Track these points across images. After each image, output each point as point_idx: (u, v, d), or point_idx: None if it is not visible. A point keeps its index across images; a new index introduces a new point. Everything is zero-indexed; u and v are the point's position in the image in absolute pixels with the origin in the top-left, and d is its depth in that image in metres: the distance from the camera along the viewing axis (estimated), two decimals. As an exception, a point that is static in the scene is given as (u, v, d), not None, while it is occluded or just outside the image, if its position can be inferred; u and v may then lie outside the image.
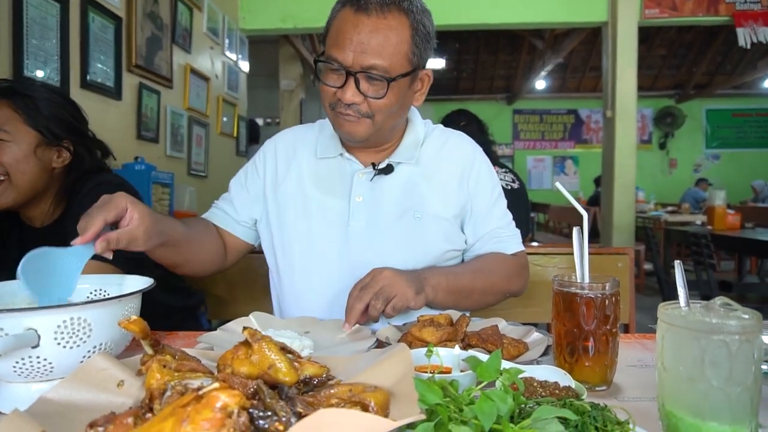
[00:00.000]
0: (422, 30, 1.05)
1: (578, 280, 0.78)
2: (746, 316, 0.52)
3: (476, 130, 2.37)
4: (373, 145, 1.15)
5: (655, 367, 0.57)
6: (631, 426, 0.53)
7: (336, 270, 1.12)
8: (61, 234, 1.22)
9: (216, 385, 0.48)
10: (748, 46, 4.95)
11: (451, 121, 2.44)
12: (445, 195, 1.16)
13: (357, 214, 1.13)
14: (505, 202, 1.24)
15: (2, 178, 1.18)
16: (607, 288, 0.75)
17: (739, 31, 4.92)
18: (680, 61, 9.79)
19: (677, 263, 0.61)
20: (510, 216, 1.24)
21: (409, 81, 1.07)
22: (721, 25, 5.29)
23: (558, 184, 0.87)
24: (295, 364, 0.61)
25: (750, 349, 0.51)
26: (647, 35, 8.21)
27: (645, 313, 4.46)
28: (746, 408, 0.51)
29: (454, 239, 1.16)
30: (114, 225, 0.88)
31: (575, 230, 0.81)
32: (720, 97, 10.75)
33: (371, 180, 1.15)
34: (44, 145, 1.23)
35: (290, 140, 1.25)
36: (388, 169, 1.15)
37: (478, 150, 1.24)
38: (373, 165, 1.15)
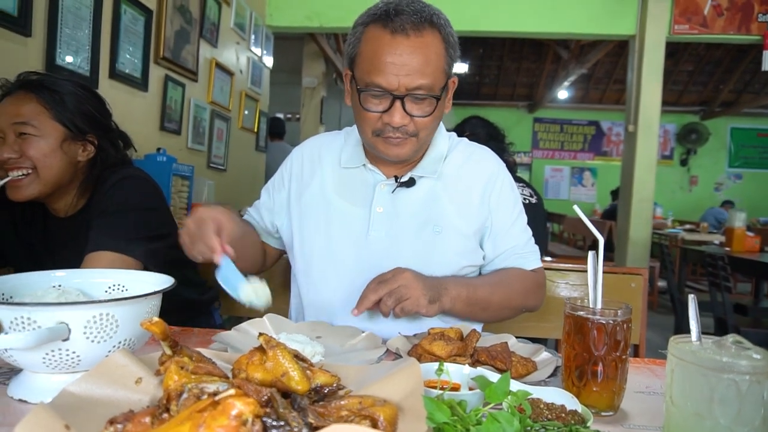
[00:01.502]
0: (452, 41, 1.07)
1: (590, 305, 0.78)
2: (758, 356, 0.53)
3: (485, 136, 2.30)
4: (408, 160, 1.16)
5: (664, 399, 0.58)
6: (635, 457, 0.54)
7: (353, 278, 1.12)
8: (84, 224, 1.25)
9: (232, 391, 0.49)
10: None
11: (458, 130, 2.39)
12: (466, 210, 1.16)
13: (377, 225, 1.14)
14: (525, 218, 1.24)
15: (29, 171, 1.21)
16: (619, 315, 0.75)
17: (766, 54, 4.84)
18: (707, 78, 9.65)
19: (691, 297, 0.61)
20: (530, 232, 1.25)
21: (446, 91, 1.09)
22: (751, 44, 5.20)
23: (576, 207, 0.87)
24: (307, 372, 0.62)
25: (760, 391, 0.51)
26: (675, 50, 8.11)
27: (656, 331, 4.42)
28: (752, 448, 0.51)
29: (472, 255, 1.17)
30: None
31: (591, 254, 0.81)
32: (746, 116, 10.56)
33: (393, 192, 1.16)
34: (70, 140, 1.26)
35: (316, 148, 1.27)
36: (410, 183, 1.15)
37: (502, 166, 1.24)
38: (396, 178, 1.16)
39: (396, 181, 1.15)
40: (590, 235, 5.68)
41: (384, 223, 1.14)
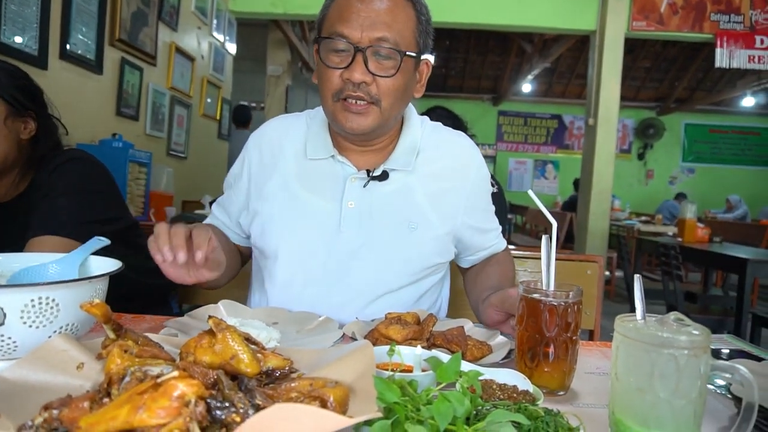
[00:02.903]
0: (425, 14, 1.05)
1: (543, 287, 0.80)
2: (696, 332, 0.54)
3: (452, 126, 2.34)
4: (372, 140, 1.09)
5: (610, 376, 0.59)
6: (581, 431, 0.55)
7: (323, 277, 1.08)
8: (24, 208, 1.19)
9: (175, 373, 0.48)
10: (727, 67, 5.07)
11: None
12: (441, 208, 1.12)
13: (349, 221, 1.08)
14: (492, 206, 1.25)
15: None
16: (570, 296, 0.77)
17: (718, 51, 5.03)
18: (663, 75, 9.97)
19: (636, 277, 0.63)
20: (494, 214, 1.26)
21: (415, 64, 1.04)
22: (704, 43, 5.40)
23: (530, 192, 0.88)
24: (258, 355, 0.61)
25: (697, 364, 0.53)
26: (633, 46, 8.34)
27: (612, 319, 4.56)
28: (689, 420, 0.53)
29: (445, 252, 1.16)
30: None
31: (544, 238, 0.83)
32: (699, 112, 10.99)
33: (365, 186, 1.09)
34: (12, 116, 1.20)
35: (276, 135, 1.17)
36: (383, 176, 1.09)
37: (476, 154, 1.19)
38: (368, 171, 1.09)
39: (368, 175, 1.09)
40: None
41: (356, 219, 1.07)
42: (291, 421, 0.44)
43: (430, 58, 1.11)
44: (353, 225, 1.07)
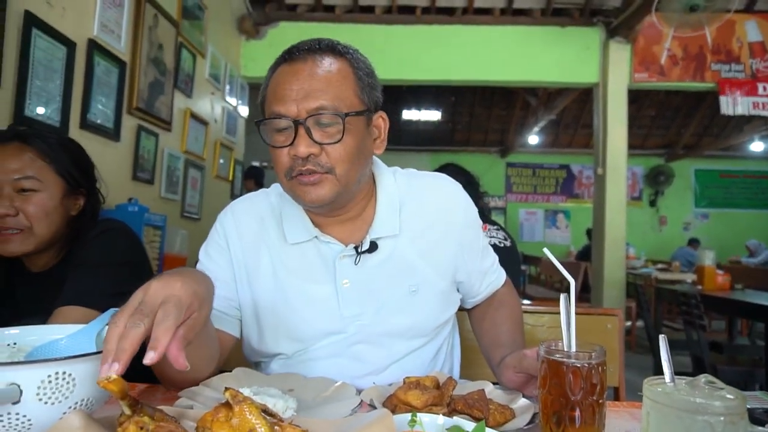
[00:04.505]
0: (364, 68, 1.00)
1: (565, 348, 0.78)
2: (731, 397, 0.52)
3: (464, 183, 2.38)
4: (342, 207, 1.03)
5: (641, 444, 0.57)
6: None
7: (327, 359, 1.05)
8: (57, 280, 1.19)
9: (192, 452, 0.47)
10: (732, 114, 5.13)
11: None
12: (436, 261, 1.08)
13: (347, 301, 1.03)
14: (485, 240, 1.22)
15: (25, 227, 1.15)
16: (593, 357, 0.75)
17: (722, 99, 5.11)
18: (669, 122, 10.08)
19: (662, 338, 0.61)
20: (489, 248, 1.24)
21: (365, 122, 0.99)
22: (707, 91, 5.48)
23: (546, 250, 0.87)
24: (276, 428, 0.60)
25: (734, 431, 0.50)
26: (637, 96, 8.47)
27: (636, 372, 4.40)
28: (732, 493, 0.50)
29: (450, 304, 1.14)
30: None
31: (562, 297, 0.81)
32: (708, 158, 11.00)
33: (356, 263, 1.04)
34: (68, 194, 1.22)
35: (252, 222, 1.09)
36: (372, 248, 1.05)
37: (460, 192, 1.15)
38: (356, 248, 1.04)
39: (356, 252, 1.04)
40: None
41: (355, 297, 1.03)
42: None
43: (382, 113, 1.05)
44: (353, 303, 1.04)
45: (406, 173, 1.15)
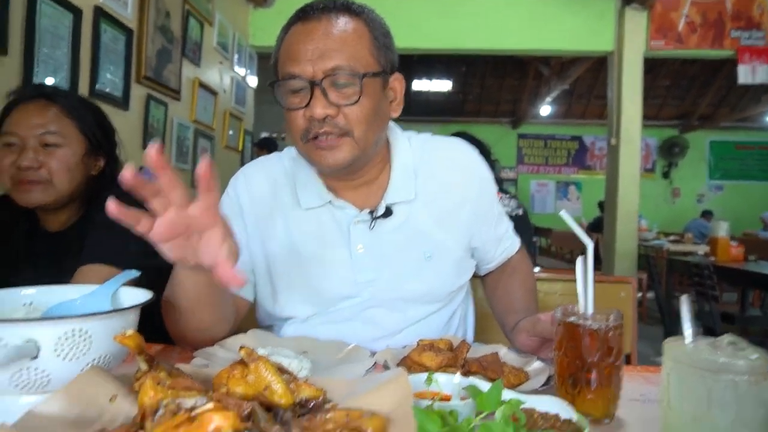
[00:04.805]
0: (380, 28, 0.98)
1: (581, 311, 0.77)
2: (755, 356, 0.51)
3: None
4: (358, 171, 1.02)
5: (659, 404, 0.56)
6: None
7: (342, 324, 1.04)
8: (73, 241, 1.22)
9: (210, 405, 0.47)
10: (751, 83, 5.00)
11: None
12: (452, 227, 1.07)
13: (362, 267, 1.03)
14: (500, 207, 1.21)
15: (46, 180, 1.18)
16: (611, 320, 0.74)
17: (741, 67, 4.97)
18: (684, 93, 9.87)
19: (684, 297, 0.60)
20: (504, 214, 1.23)
21: (381, 84, 0.97)
22: (725, 59, 5.34)
23: (563, 213, 0.86)
24: (291, 386, 0.60)
25: (758, 391, 0.49)
26: (652, 66, 8.26)
27: (647, 343, 4.41)
28: (754, 451, 0.50)
29: (465, 271, 1.13)
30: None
31: (579, 259, 0.80)
32: (724, 129, 10.80)
33: (370, 228, 1.03)
34: (89, 153, 1.26)
35: (264, 185, 1.08)
36: (387, 213, 1.03)
37: (475, 157, 1.13)
38: (370, 213, 1.03)
39: (371, 216, 1.03)
40: (578, 246, 5.71)
41: (368, 263, 1.03)
42: (330, 455, 0.42)
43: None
44: (367, 269, 1.03)
45: (422, 138, 1.13)
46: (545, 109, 10.11)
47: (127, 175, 0.63)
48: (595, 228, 7.11)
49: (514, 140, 11.23)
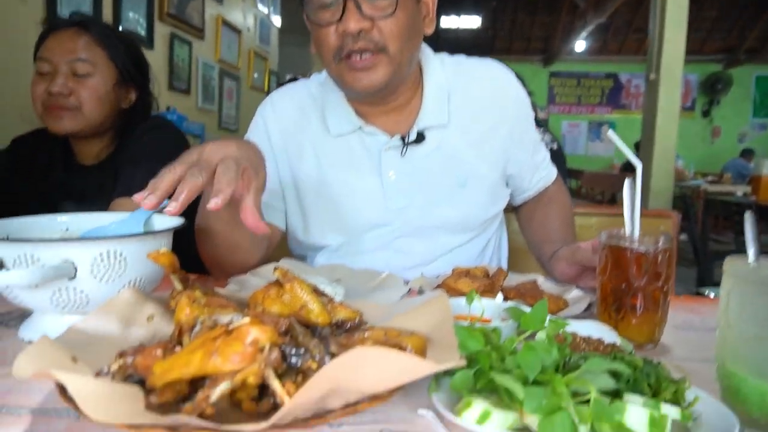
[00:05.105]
0: None
1: (628, 234, 0.73)
2: (828, 272, 0.47)
3: None
4: (392, 94, 0.98)
5: (717, 324, 0.53)
6: (687, 385, 0.49)
7: (380, 256, 1.02)
8: (110, 173, 1.24)
9: (247, 320, 0.45)
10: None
11: None
12: (486, 153, 1.03)
13: (393, 194, 1.01)
14: (538, 134, 1.17)
15: (75, 107, 1.19)
16: (660, 243, 0.70)
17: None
18: (731, 24, 9.25)
19: (748, 214, 0.56)
20: (541, 142, 1.18)
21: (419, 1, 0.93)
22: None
23: (610, 133, 0.80)
24: (328, 307, 0.58)
25: (831, 307, 0.46)
26: (698, -6, 7.75)
27: (679, 285, 4.36)
28: (821, 371, 0.47)
29: (500, 198, 1.10)
30: None
31: (627, 181, 0.76)
32: (772, 63, 10.18)
33: (402, 155, 1.00)
34: (119, 84, 1.26)
35: (292, 112, 1.05)
36: (419, 139, 1.00)
37: (512, 80, 1.08)
38: (402, 139, 0.99)
39: (403, 142, 0.99)
40: (609, 187, 5.57)
41: (401, 190, 1.00)
42: (372, 367, 0.41)
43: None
44: (399, 196, 1.01)
45: (455, 60, 1.08)
46: (579, 45, 9.64)
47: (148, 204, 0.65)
48: (627, 169, 6.91)
49: (546, 79, 10.81)
